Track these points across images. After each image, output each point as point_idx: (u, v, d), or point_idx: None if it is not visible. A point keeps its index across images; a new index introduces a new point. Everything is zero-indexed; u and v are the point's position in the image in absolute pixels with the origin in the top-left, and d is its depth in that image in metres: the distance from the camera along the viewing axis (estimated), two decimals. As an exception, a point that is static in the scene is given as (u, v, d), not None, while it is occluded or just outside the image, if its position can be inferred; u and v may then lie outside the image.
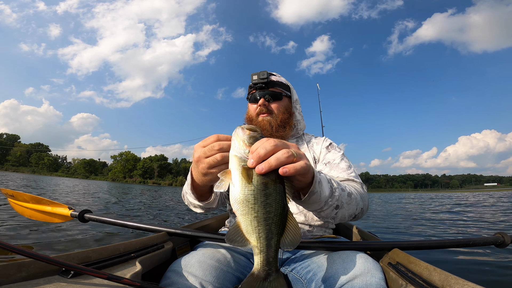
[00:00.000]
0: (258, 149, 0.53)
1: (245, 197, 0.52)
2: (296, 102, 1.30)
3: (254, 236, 0.53)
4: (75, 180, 46.55)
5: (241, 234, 0.54)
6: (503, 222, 5.33)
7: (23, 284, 0.54)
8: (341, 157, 1.15)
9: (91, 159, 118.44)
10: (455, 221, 5.62)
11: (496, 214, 6.73)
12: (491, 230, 4.16)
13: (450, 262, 2.32)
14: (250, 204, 0.52)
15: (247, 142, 0.56)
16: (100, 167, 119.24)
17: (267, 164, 0.52)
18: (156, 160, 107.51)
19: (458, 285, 0.58)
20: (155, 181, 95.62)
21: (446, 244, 0.93)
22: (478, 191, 59.43)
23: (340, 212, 0.81)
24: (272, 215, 0.53)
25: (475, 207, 8.91)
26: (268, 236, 0.53)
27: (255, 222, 0.52)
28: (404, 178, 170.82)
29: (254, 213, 0.52)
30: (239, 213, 0.54)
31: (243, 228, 0.54)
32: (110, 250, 0.77)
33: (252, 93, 1.24)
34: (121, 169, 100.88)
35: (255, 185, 0.52)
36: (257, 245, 0.53)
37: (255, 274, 0.54)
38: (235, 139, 0.58)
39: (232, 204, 0.55)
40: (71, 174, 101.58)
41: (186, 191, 0.96)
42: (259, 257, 0.53)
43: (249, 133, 0.57)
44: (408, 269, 0.73)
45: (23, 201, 1.44)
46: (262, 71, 1.20)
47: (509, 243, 0.95)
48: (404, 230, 4.29)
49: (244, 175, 0.53)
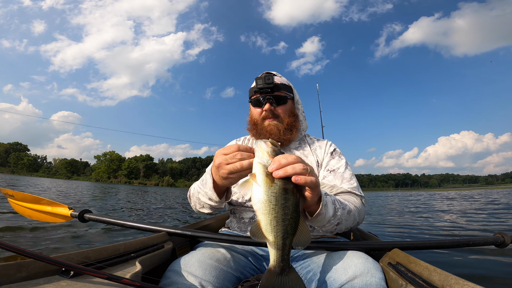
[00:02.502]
0: (280, 159, 0.62)
1: (268, 198, 0.59)
2: (298, 103, 1.28)
3: (272, 234, 0.60)
4: (57, 180, 45.60)
5: (260, 231, 0.61)
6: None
7: (23, 284, 0.54)
8: (345, 165, 1.15)
9: (73, 159, 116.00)
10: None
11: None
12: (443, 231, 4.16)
13: (450, 262, 2.32)
14: (272, 205, 0.59)
15: (270, 153, 0.64)
16: (82, 167, 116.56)
17: (284, 170, 0.59)
18: (141, 160, 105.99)
19: (458, 285, 0.58)
20: (141, 181, 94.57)
21: (446, 244, 0.93)
22: (455, 190, 60.77)
23: (339, 227, 0.90)
24: (289, 217, 0.60)
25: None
26: (284, 235, 0.60)
27: (274, 222, 0.59)
28: (386, 177, 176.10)
29: (274, 213, 0.59)
30: (261, 212, 0.60)
31: (262, 226, 0.60)
32: (110, 250, 0.77)
33: (256, 97, 1.21)
34: (105, 169, 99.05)
35: (277, 188, 0.60)
36: (274, 243, 0.60)
37: (272, 270, 0.61)
38: (259, 150, 0.66)
39: (255, 203, 0.62)
40: (52, 174, 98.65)
41: (198, 191, 1.01)
42: (276, 254, 0.61)
43: (272, 147, 0.66)
44: (408, 269, 0.73)
45: (23, 201, 1.44)
46: (267, 75, 1.17)
47: (509, 243, 0.95)
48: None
49: (269, 179, 0.61)
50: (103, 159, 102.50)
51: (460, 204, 9.70)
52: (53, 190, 11.80)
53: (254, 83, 1.21)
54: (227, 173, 0.74)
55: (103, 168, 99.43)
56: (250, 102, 1.26)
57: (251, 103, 1.26)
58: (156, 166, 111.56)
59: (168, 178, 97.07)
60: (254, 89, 1.21)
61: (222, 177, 0.78)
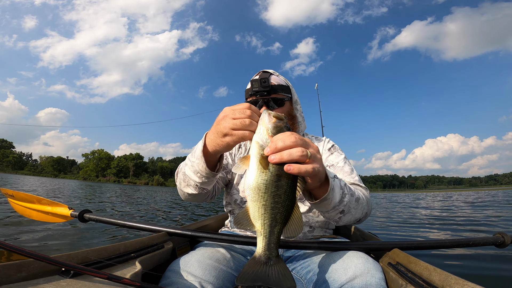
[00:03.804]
0: (277, 141, 0.55)
1: (257, 185, 0.55)
2: (297, 103, 1.23)
3: (259, 222, 0.56)
4: (44, 179, 44.82)
5: (248, 219, 0.57)
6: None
7: (23, 284, 0.54)
8: (344, 160, 1.14)
9: (59, 157, 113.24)
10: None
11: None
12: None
13: (450, 262, 2.32)
14: (261, 192, 0.55)
15: (270, 131, 0.58)
16: (69, 165, 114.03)
17: (279, 156, 0.53)
18: (131, 159, 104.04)
19: (458, 285, 0.58)
20: (130, 180, 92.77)
21: (446, 244, 0.93)
22: (439, 191, 61.65)
23: (345, 217, 0.83)
24: (279, 206, 0.55)
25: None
26: (272, 223, 0.56)
27: (262, 210, 0.55)
28: (374, 178, 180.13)
29: (263, 201, 0.55)
30: (249, 199, 0.57)
31: (250, 213, 0.57)
32: (110, 250, 0.77)
33: (252, 99, 1.14)
34: (93, 168, 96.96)
35: (269, 175, 0.55)
36: (261, 231, 0.57)
37: (256, 258, 0.58)
38: (261, 125, 0.59)
39: (245, 189, 0.57)
40: (38, 172, 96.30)
41: (185, 163, 0.92)
42: (262, 242, 0.57)
43: (275, 122, 0.58)
44: (408, 269, 0.73)
45: (23, 201, 1.44)
46: (263, 77, 1.10)
47: (509, 243, 0.95)
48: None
49: (261, 163, 0.55)
50: (92, 157, 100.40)
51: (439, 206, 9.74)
52: (41, 189, 11.66)
53: (249, 85, 1.15)
54: (230, 126, 0.65)
55: (91, 167, 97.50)
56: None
57: None
58: (146, 165, 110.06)
59: (158, 177, 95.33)
60: (249, 92, 1.14)
61: (222, 132, 0.67)
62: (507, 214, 6.29)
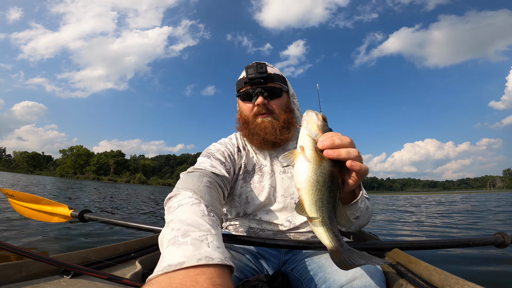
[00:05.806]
0: (335, 138, 0.55)
1: (316, 178, 0.55)
2: (293, 96, 1.10)
3: (318, 214, 0.55)
4: (18, 175, 41.89)
5: (304, 211, 0.56)
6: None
7: (23, 284, 0.54)
8: None
9: (35, 152, 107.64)
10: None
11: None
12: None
13: (450, 262, 2.32)
14: (319, 185, 0.55)
15: (321, 128, 0.59)
16: (45, 161, 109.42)
17: (337, 152, 0.54)
18: (112, 156, 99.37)
19: (458, 285, 0.58)
20: (110, 178, 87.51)
21: (446, 244, 0.93)
22: (415, 194, 62.76)
23: (356, 222, 0.81)
24: (333, 200, 0.56)
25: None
26: (330, 216, 0.56)
27: (319, 203, 0.55)
28: None
29: (320, 194, 0.55)
30: (305, 192, 0.55)
31: (306, 206, 0.56)
32: (110, 250, 0.77)
33: (246, 89, 1.00)
34: (71, 165, 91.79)
35: (326, 169, 0.55)
36: (321, 223, 0.56)
37: (333, 249, 0.56)
38: (309, 121, 0.60)
39: (299, 181, 0.56)
40: (12, 168, 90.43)
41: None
42: (328, 234, 0.56)
43: (322, 122, 0.60)
44: (408, 269, 0.73)
45: (23, 201, 1.45)
46: (259, 63, 0.97)
47: (509, 243, 0.95)
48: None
49: (318, 156, 0.55)
50: (69, 154, 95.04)
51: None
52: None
53: (243, 73, 1.02)
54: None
55: (69, 163, 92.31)
56: (239, 96, 1.05)
57: (240, 97, 1.04)
58: (127, 162, 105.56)
59: (140, 175, 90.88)
60: (244, 80, 1.00)
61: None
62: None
